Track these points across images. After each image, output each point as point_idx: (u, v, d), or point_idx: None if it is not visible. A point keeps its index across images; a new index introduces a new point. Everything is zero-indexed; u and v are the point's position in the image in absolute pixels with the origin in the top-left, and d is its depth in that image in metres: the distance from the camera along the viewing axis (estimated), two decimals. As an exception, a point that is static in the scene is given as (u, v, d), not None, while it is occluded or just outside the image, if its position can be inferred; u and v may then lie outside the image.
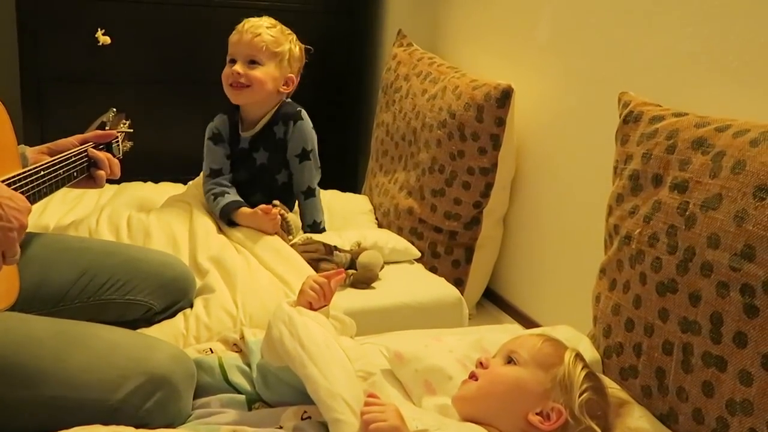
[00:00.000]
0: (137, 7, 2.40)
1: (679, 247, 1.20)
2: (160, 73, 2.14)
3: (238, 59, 1.95)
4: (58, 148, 1.45)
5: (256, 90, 1.96)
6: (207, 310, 1.54)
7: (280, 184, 2.06)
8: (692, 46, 1.46)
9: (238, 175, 2.04)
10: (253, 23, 1.97)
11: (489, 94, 1.90)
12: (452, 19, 2.35)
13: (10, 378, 1.06)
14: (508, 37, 2.07)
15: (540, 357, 1.14)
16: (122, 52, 2.41)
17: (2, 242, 0.97)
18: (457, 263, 2.07)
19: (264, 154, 2.02)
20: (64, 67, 2.38)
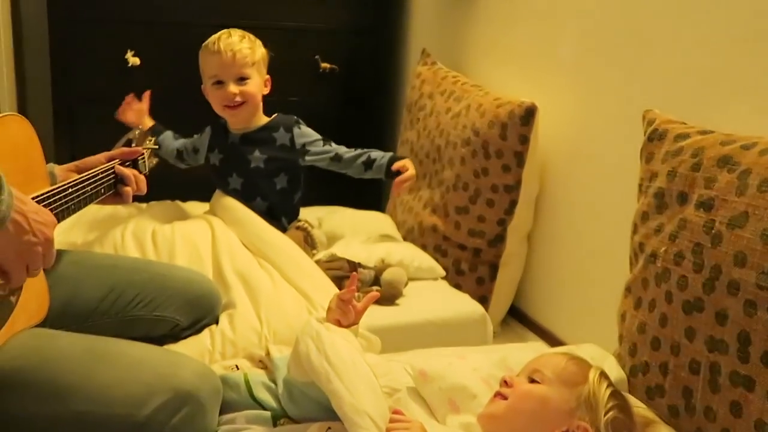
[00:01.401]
0: (166, 30, 2.43)
1: (705, 266, 1.19)
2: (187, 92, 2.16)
3: (227, 80, 1.95)
4: (85, 165, 1.47)
5: (251, 103, 1.99)
6: (232, 325, 1.54)
7: (279, 188, 2.04)
8: (716, 64, 1.45)
9: (233, 181, 2.03)
10: (225, 41, 1.95)
11: (513, 112, 1.90)
12: (476, 37, 2.35)
13: (39, 393, 1.08)
14: (532, 56, 2.07)
15: (565, 375, 1.14)
16: (151, 73, 2.44)
17: (27, 255, 0.97)
18: (482, 280, 2.06)
19: (260, 156, 2.01)
20: (95, 87, 2.41)
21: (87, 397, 1.08)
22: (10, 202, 0.90)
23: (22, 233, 0.94)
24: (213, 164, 2.08)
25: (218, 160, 2.06)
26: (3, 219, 0.89)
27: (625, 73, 1.71)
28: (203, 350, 1.48)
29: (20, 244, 0.94)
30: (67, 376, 1.09)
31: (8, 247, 0.93)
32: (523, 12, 2.10)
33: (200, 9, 2.45)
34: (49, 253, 1.01)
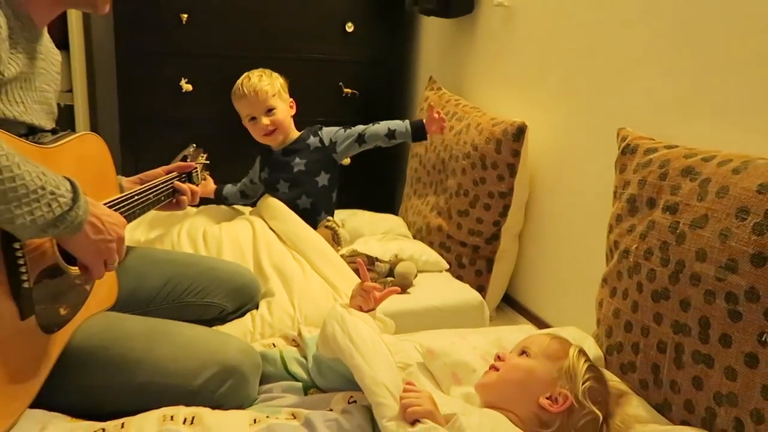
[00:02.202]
0: (213, 61, 2.45)
1: (671, 261, 1.18)
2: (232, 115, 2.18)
3: (258, 115, 2.02)
4: (147, 177, 1.48)
5: (282, 127, 2.05)
6: (270, 311, 1.55)
7: (320, 186, 2.06)
8: (680, 89, 1.44)
9: (281, 186, 2.05)
10: (248, 85, 2.01)
11: (506, 130, 1.89)
12: (474, 67, 2.35)
13: (109, 366, 1.09)
14: (523, 82, 2.07)
15: (549, 351, 1.15)
16: (201, 97, 2.46)
17: (104, 251, 0.98)
18: (480, 273, 2.06)
19: (301, 161, 2.04)
20: (155, 110, 2.43)
21: (149, 370, 1.09)
22: (86, 207, 0.91)
23: (97, 233, 0.95)
24: (264, 178, 2.11)
25: (268, 174, 2.10)
26: (81, 222, 0.90)
27: (602, 97, 1.70)
28: (246, 331, 1.49)
29: (97, 242, 0.96)
30: (133, 353, 1.10)
31: (87, 246, 0.95)
32: (514, 45, 2.10)
33: (242, 43, 2.46)
34: (121, 249, 1.02)
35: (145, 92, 2.41)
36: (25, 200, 0.80)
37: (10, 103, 1.01)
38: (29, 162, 0.82)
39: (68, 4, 1.12)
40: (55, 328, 1.02)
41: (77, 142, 1.13)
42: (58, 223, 0.86)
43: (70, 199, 0.88)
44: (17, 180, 0.79)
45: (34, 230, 0.84)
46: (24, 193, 0.80)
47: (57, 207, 0.85)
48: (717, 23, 1.34)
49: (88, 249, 0.96)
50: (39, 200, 0.82)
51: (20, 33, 1.02)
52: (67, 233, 0.89)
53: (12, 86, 1.01)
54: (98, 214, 0.96)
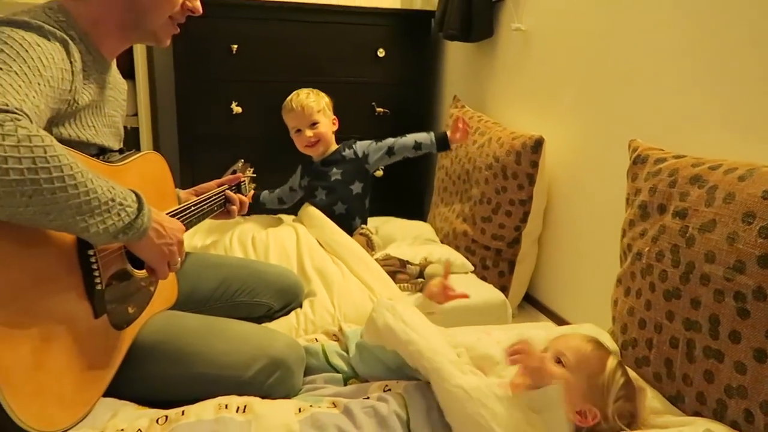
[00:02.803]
0: (261, 85, 2.48)
1: (682, 262, 1.15)
2: (278, 133, 2.20)
3: (303, 127, 2.06)
4: (202, 189, 1.50)
5: (324, 140, 2.08)
6: (312, 309, 1.56)
7: (355, 194, 2.07)
8: (688, 102, 1.41)
9: (319, 194, 2.07)
10: (296, 101, 2.06)
11: (525, 143, 1.88)
12: (496, 86, 2.34)
13: (170, 358, 1.10)
14: (540, 99, 2.05)
15: (587, 365, 1.04)
16: (250, 119, 2.49)
17: (167, 254, 1.00)
18: (502, 274, 2.04)
19: (337, 171, 2.06)
20: (209, 130, 2.46)
21: (205, 362, 1.10)
22: (149, 215, 0.93)
23: (160, 237, 0.97)
24: (305, 186, 2.13)
25: (307, 182, 2.12)
26: (146, 228, 0.92)
27: (614, 111, 1.67)
28: (291, 327, 1.49)
29: (160, 245, 0.97)
30: (191, 347, 1.11)
31: (152, 249, 0.96)
32: (531, 65, 2.08)
33: (286, 69, 2.49)
34: (182, 251, 1.04)
35: (201, 115, 2.44)
36: (97, 211, 0.82)
37: (83, 128, 1.03)
38: (100, 178, 0.84)
39: (134, 39, 1.14)
40: (124, 326, 1.04)
41: (141, 160, 1.16)
42: (127, 230, 0.88)
43: (135, 208, 0.89)
44: (91, 194, 0.80)
45: (106, 237, 0.86)
46: (97, 205, 0.82)
47: (125, 216, 0.87)
48: (722, 39, 1.31)
49: (153, 252, 0.97)
50: (110, 211, 0.84)
51: (92, 66, 1.05)
52: (134, 239, 0.91)
53: (85, 113, 1.03)
54: (160, 221, 0.97)
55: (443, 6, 2.38)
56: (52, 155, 0.75)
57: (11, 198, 0.72)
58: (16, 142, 0.72)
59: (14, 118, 0.73)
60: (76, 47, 0.98)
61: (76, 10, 1.03)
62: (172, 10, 1.09)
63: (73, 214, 0.79)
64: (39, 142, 0.74)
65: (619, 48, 1.65)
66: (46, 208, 0.75)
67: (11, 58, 0.82)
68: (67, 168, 0.77)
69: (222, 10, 2.32)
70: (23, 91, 0.80)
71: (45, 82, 0.87)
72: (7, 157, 0.71)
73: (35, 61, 0.86)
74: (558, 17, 1.92)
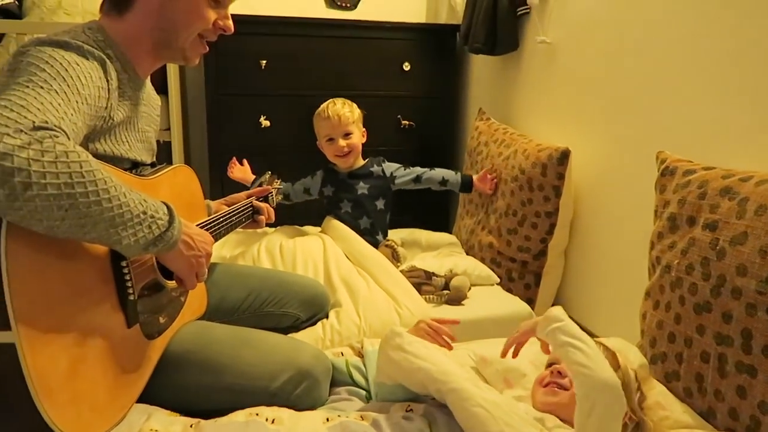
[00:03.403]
0: (288, 100, 2.50)
1: (712, 275, 1.13)
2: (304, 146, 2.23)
3: (336, 137, 2.06)
4: (232, 200, 1.52)
5: (355, 151, 2.09)
6: (338, 320, 1.56)
7: (378, 209, 2.09)
8: (717, 113, 1.38)
9: (344, 206, 2.08)
10: (332, 109, 2.07)
11: (551, 155, 1.86)
12: (521, 98, 2.33)
13: (200, 368, 1.11)
14: (565, 111, 2.03)
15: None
16: (277, 132, 2.51)
17: (195, 266, 1.01)
18: (528, 286, 2.02)
19: (364, 186, 2.07)
20: (238, 142, 2.48)
21: (234, 372, 1.11)
22: (180, 227, 0.94)
23: (189, 249, 0.98)
24: (327, 195, 2.13)
25: (331, 192, 2.12)
26: (176, 240, 0.93)
27: (640, 122, 1.65)
28: (317, 338, 1.50)
29: (189, 257, 0.98)
30: (221, 357, 1.12)
31: (181, 261, 0.98)
32: (557, 77, 2.07)
33: (313, 84, 2.51)
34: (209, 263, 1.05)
35: (230, 128, 2.47)
36: (130, 224, 0.84)
37: (117, 143, 1.06)
38: (133, 191, 0.86)
39: (165, 58, 1.16)
40: (156, 335, 1.06)
41: (171, 174, 1.18)
42: (158, 242, 0.90)
43: (166, 221, 0.91)
44: (123, 207, 0.82)
45: (137, 249, 0.87)
46: (129, 217, 0.83)
47: (156, 228, 0.89)
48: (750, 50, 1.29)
49: (183, 263, 0.99)
50: (141, 223, 0.86)
51: (127, 83, 1.08)
52: (164, 250, 0.92)
53: (119, 128, 1.06)
54: (190, 233, 0.99)
55: (468, 20, 2.39)
56: (88, 170, 0.77)
57: (49, 212, 0.74)
58: (54, 158, 0.74)
59: (53, 135, 0.76)
60: (113, 66, 1.01)
61: (113, 30, 1.06)
62: (204, 28, 1.12)
63: (107, 226, 0.81)
64: (75, 157, 0.76)
65: (645, 59, 1.63)
66: (82, 221, 0.77)
67: (52, 77, 0.85)
68: (102, 182, 0.79)
69: (251, 26, 2.36)
70: (62, 109, 0.83)
71: (83, 100, 0.89)
72: (45, 172, 0.73)
73: (74, 80, 0.88)
74: (583, 29, 1.91)
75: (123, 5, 1.07)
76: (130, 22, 1.07)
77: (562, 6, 2.00)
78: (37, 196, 0.72)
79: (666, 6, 1.55)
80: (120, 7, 1.07)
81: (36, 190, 0.72)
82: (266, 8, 2.65)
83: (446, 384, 0.95)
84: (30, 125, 0.75)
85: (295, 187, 2.17)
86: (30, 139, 0.73)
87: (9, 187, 0.71)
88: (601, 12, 1.82)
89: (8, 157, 0.71)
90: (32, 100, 0.79)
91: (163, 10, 1.07)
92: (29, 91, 0.80)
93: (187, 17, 1.09)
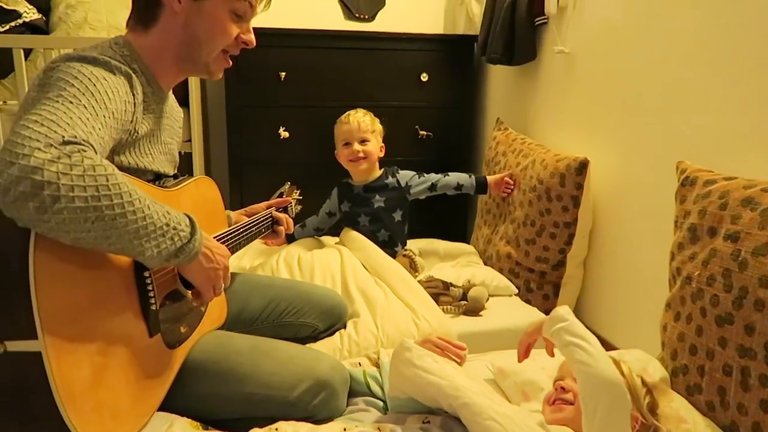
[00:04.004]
0: (307, 111, 2.53)
1: (734, 287, 1.11)
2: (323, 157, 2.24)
3: (353, 141, 2.07)
4: (252, 210, 1.53)
5: (369, 159, 2.09)
6: (356, 330, 1.56)
7: (396, 221, 2.09)
8: (738, 122, 1.37)
9: (362, 220, 2.08)
10: (353, 116, 2.10)
11: (569, 165, 1.85)
12: (539, 108, 2.32)
13: (220, 377, 1.12)
14: (584, 120, 2.02)
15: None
16: (296, 143, 2.53)
17: (213, 278, 1.02)
18: (547, 297, 2.00)
19: (380, 198, 2.08)
20: (257, 153, 2.52)
21: (254, 382, 1.12)
22: (200, 240, 0.95)
23: (209, 262, 0.99)
24: (345, 211, 2.14)
25: (348, 208, 2.13)
26: (197, 252, 0.95)
27: (660, 132, 1.64)
28: (335, 348, 1.50)
29: (208, 270, 0.99)
30: (240, 367, 1.13)
31: (200, 273, 0.99)
32: (575, 87, 2.06)
33: (332, 95, 2.54)
34: (227, 277, 1.06)
35: (250, 140, 2.50)
36: (153, 235, 0.85)
37: (141, 155, 1.08)
38: (156, 203, 0.87)
39: (188, 72, 1.19)
40: (177, 344, 1.07)
41: (193, 185, 1.20)
42: (179, 254, 0.91)
43: (188, 233, 0.92)
44: (147, 219, 0.84)
45: (159, 260, 0.89)
46: (152, 229, 0.85)
47: (178, 240, 0.90)
48: (773, 61, 1.28)
49: (201, 275, 1.00)
50: (164, 235, 0.87)
51: (152, 97, 1.11)
52: (186, 262, 0.94)
53: (143, 141, 1.08)
54: (210, 246, 1.00)
55: (486, 30, 2.40)
56: (114, 183, 0.79)
57: (76, 223, 0.76)
58: (82, 172, 0.76)
59: (81, 150, 0.78)
60: (138, 80, 1.04)
61: (138, 45, 1.09)
62: (227, 42, 1.14)
63: (131, 238, 0.82)
64: (102, 171, 0.78)
65: (663, 68, 1.62)
66: (107, 232, 0.79)
67: (81, 92, 0.87)
68: (127, 195, 0.81)
69: (271, 39, 2.40)
70: (90, 123, 0.85)
71: (110, 114, 0.92)
72: (73, 185, 0.75)
73: (102, 94, 0.91)
74: (601, 39, 1.90)
75: (149, 21, 1.09)
76: (155, 37, 1.10)
77: (580, 16, 2.00)
78: (65, 208, 0.74)
79: (685, 14, 1.54)
80: (146, 22, 1.10)
81: (64, 202, 0.74)
82: (286, 21, 2.68)
83: (458, 399, 0.94)
84: (59, 140, 0.77)
85: (319, 217, 2.20)
86: (59, 153, 0.75)
87: (39, 200, 0.73)
88: (619, 21, 1.81)
89: (39, 171, 0.73)
90: (61, 114, 0.81)
91: (188, 26, 1.09)
92: (59, 106, 0.83)
93: (211, 32, 1.11)
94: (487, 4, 2.40)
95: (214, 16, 1.10)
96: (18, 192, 0.72)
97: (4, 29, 2.24)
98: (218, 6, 1.10)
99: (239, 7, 1.12)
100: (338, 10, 2.92)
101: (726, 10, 1.41)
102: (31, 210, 0.73)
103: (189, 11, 1.08)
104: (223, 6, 1.10)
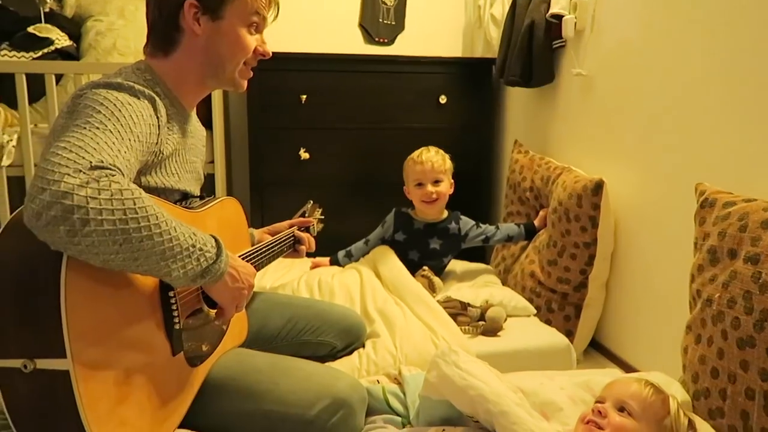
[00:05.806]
0: (328, 133, 2.57)
1: (755, 309, 1.10)
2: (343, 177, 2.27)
3: (426, 182, 2.06)
4: (275, 229, 1.55)
5: (442, 200, 2.09)
6: (375, 350, 1.57)
7: (443, 264, 2.13)
8: (756, 144, 1.36)
9: (412, 254, 2.09)
10: (426, 156, 2.07)
11: (586, 185, 1.85)
12: (558, 130, 2.33)
13: (240, 395, 1.13)
14: (603, 142, 2.02)
15: (652, 410, 1.03)
16: (317, 164, 2.57)
17: (237, 297, 1.03)
18: (568, 318, 1.99)
19: (438, 241, 2.09)
20: (278, 174, 2.55)
21: (273, 400, 1.12)
22: (226, 260, 0.97)
23: (234, 281, 1.01)
24: (397, 240, 2.12)
25: (402, 239, 2.12)
26: (222, 273, 0.97)
27: (680, 154, 1.64)
28: (353, 367, 1.51)
29: (233, 290, 1.01)
30: (259, 384, 1.14)
31: (226, 292, 1.01)
32: (593, 109, 2.07)
33: (352, 117, 2.58)
34: (250, 295, 1.08)
35: (272, 160, 2.54)
36: (179, 256, 0.88)
37: (167, 175, 1.11)
38: (183, 224, 0.90)
39: (211, 87, 1.22)
40: (198, 362, 1.09)
41: (219, 206, 1.23)
42: (205, 274, 0.93)
43: (214, 254, 0.94)
44: (174, 240, 0.86)
45: (185, 280, 0.91)
46: (179, 251, 0.87)
47: (204, 261, 0.92)
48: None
49: (227, 295, 1.02)
50: (190, 256, 0.89)
51: (175, 117, 1.14)
52: (211, 282, 0.96)
53: (169, 161, 1.11)
54: (236, 266, 1.02)
55: (504, 53, 2.42)
56: (141, 206, 0.82)
57: (105, 246, 0.79)
58: (110, 196, 0.79)
59: (109, 174, 0.81)
60: (162, 102, 1.07)
61: (160, 68, 1.13)
62: (247, 55, 1.18)
63: (158, 259, 0.85)
64: (129, 195, 0.81)
65: (681, 90, 1.62)
66: (135, 254, 0.82)
67: (107, 118, 0.91)
68: (153, 218, 0.83)
69: (292, 62, 2.45)
70: (116, 148, 0.88)
71: (135, 138, 0.95)
72: (102, 209, 0.78)
73: (127, 119, 0.94)
74: (619, 62, 1.91)
75: (169, 47, 1.13)
76: (177, 61, 1.14)
77: (597, 39, 2.02)
78: (94, 231, 0.77)
79: (701, 36, 1.54)
80: (166, 49, 1.13)
81: (93, 226, 0.77)
82: (307, 45, 2.74)
83: (498, 405, 0.94)
84: (88, 165, 0.80)
85: (370, 243, 2.17)
86: (88, 178, 0.79)
87: (69, 224, 0.76)
88: (636, 44, 1.82)
89: (69, 196, 0.76)
90: (89, 140, 0.85)
91: (209, 47, 1.13)
92: (86, 132, 0.86)
93: (233, 49, 1.15)
94: (505, 28, 2.43)
95: (233, 33, 1.14)
96: (50, 216, 0.75)
97: (37, 56, 2.32)
98: (235, 22, 1.14)
99: (254, 21, 1.16)
100: (358, 34, 2.97)
101: (743, 31, 1.41)
102: (62, 233, 0.76)
103: (209, 32, 1.12)
104: (240, 22, 1.14)
